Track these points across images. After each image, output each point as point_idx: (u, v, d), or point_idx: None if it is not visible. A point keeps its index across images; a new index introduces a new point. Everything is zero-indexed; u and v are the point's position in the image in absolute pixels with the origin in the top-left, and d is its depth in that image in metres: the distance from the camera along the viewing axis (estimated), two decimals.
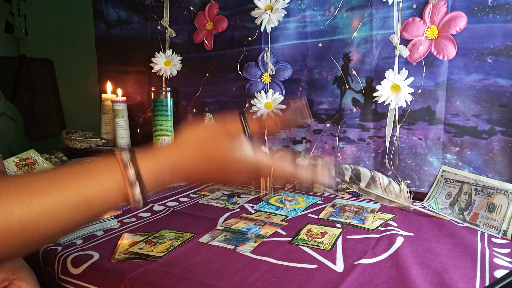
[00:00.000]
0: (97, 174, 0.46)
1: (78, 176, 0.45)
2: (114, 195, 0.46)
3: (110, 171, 0.46)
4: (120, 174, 0.46)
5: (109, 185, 0.45)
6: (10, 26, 1.97)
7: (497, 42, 0.86)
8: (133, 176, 0.46)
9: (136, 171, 0.46)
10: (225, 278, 0.57)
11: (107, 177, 0.46)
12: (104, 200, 0.46)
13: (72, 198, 0.43)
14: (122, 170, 0.46)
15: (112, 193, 0.46)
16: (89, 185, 0.45)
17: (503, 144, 0.87)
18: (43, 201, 0.41)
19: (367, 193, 0.94)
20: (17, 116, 1.71)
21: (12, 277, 0.55)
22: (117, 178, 0.46)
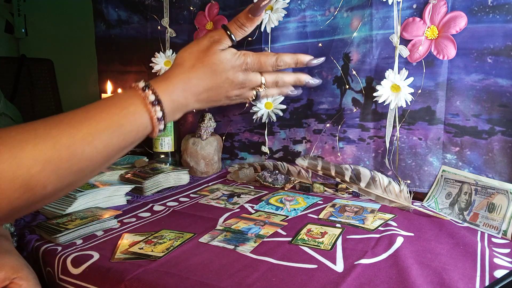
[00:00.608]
0: (121, 102, 0.51)
1: (106, 107, 0.50)
2: (140, 118, 0.51)
3: (131, 97, 0.51)
4: (141, 98, 0.51)
5: (134, 108, 0.50)
6: (10, 26, 1.97)
7: (497, 42, 0.86)
8: (152, 97, 0.52)
9: (153, 92, 0.52)
10: (225, 278, 0.57)
11: (131, 102, 0.51)
12: (132, 123, 0.50)
13: (105, 124, 0.48)
14: (141, 94, 0.51)
15: (138, 116, 0.51)
16: (117, 112, 0.49)
17: (503, 144, 0.87)
18: (82, 130, 0.46)
19: (367, 193, 0.94)
20: (17, 116, 1.71)
21: (13, 276, 0.55)
22: (138, 102, 0.51)
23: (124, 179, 1.00)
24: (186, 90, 0.56)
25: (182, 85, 0.56)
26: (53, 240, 0.69)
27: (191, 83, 0.56)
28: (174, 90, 0.55)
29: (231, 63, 0.59)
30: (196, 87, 0.57)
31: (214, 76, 0.58)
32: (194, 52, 0.59)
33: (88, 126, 0.47)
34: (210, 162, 1.18)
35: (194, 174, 1.18)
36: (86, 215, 0.78)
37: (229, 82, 0.59)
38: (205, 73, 0.58)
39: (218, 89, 0.59)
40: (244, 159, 1.22)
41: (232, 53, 0.60)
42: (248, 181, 1.12)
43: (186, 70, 0.57)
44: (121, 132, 0.49)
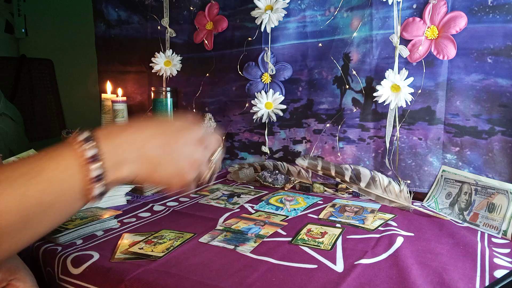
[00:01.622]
0: (56, 155, 0.42)
1: (39, 161, 0.42)
2: (74, 175, 0.42)
3: (68, 151, 0.43)
4: (78, 151, 0.42)
5: (68, 163, 0.42)
6: (10, 26, 1.97)
7: (497, 42, 0.86)
8: (91, 152, 0.43)
9: (96, 146, 0.43)
10: (225, 278, 0.57)
11: (66, 156, 0.42)
12: (65, 181, 0.42)
13: (23, 170, 0.40)
14: (79, 147, 0.42)
15: (71, 172, 0.42)
16: (49, 166, 0.41)
17: (503, 144, 0.87)
18: (14, 191, 0.39)
19: (367, 193, 0.94)
20: (17, 116, 1.71)
21: (9, 278, 0.55)
22: (74, 155, 0.42)
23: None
24: (133, 146, 0.47)
25: (130, 140, 0.47)
26: (53, 240, 0.69)
27: (139, 140, 0.48)
28: (120, 145, 0.46)
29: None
30: (142, 144, 0.48)
31: (166, 144, 0.50)
32: (157, 121, 0.53)
33: (17, 185, 0.39)
34: None
35: None
36: (86, 215, 0.78)
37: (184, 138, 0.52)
38: (159, 136, 0.50)
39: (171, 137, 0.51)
40: (244, 159, 1.22)
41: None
42: (248, 181, 1.12)
43: (139, 129, 0.49)
44: (40, 180, 0.40)
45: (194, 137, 0.52)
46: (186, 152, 0.51)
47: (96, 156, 0.43)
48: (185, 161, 0.51)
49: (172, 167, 0.50)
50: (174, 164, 0.50)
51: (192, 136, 0.52)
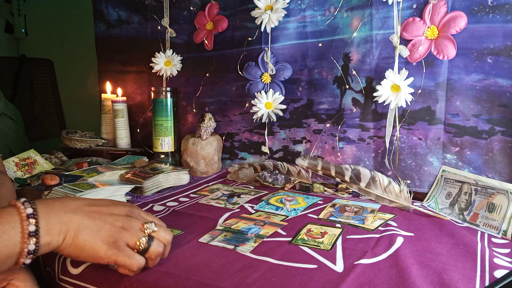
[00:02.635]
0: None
1: None
2: (7, 260, 0.47)
3: (8, 236, 0.47)
4: (20, 224, 0.47)
5: (7, 251, 0.46)
6: (10, 26, 1.97)
7: (497, 42, 0.86)
8: (32, 247, 0.48)
9: (36, 243, 0.48)
10: (225, 278, 0.57)
11: (6, 242, 0.46)
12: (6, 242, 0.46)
13: None
14: (23, 223, 0.47)
15: (7, 258, 0.47)
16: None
17: (503, 144, 0.87)
18: None
19: (367, 193, 0.94)
20: (17, 116, 1.71)
21: (10, 277, 0.55)
22: (14, 246, 0.47)
23: (124, 179, 1.00)
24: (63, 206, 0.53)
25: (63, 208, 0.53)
26: None
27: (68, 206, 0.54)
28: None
29: None
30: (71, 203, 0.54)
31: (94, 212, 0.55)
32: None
33: None
34: (210, 162, 1.18)
35: (194, 174, 1.18)
36: None
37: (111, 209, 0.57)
38: (88, 206, 0.56)
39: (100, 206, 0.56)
40: (244, 159, 1.22)
41: None
42: (248, 181, 1.12)
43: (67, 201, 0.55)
44: None
45: (119, 208, 0.57)
46: (108, 219, 0.55)
47: (35, 232, 0.48)
48: (109, 226, 0.54)
49: (96, 230, 0.53)
50: (98, 227, 0.53)
51: (117, 206, 0.57)
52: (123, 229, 0.55)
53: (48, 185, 0.91)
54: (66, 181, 0.92)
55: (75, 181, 0.93)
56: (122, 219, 0.56)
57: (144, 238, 0.56)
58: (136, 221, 0.57)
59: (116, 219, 0.55)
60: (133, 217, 0.57)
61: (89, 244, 0.52)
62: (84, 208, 0.54)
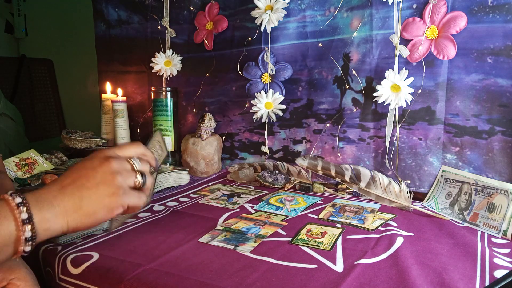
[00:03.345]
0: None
1: None
2: (5, 248, 0.47)
3: (1, 224, 0.47)
4: (14, 230, 0.47)
5: (2, 238, 0.46)
6: (10, 26, 1.97)
7: (497, 42, 0.86)
8: (29, 234, 0.47)
9: (32, 229, 0.48)
10: (225, 278, 0.57)
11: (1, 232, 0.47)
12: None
13: None
14: (18, 228, 0.47)
15: (4, 246, 0.47)
16: None
17: (503, 144, 0.87)
18: None
19: (367, 193, 0.94)
20: (17, 116, 1.71)
21: (10, 277, 0.55)
22: (9, 232, 0.47)
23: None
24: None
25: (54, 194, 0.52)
26: (52, 239, 0.69)
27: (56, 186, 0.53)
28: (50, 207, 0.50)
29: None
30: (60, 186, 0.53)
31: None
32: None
33: None
34: (210, 162, 1.18)
35: (194, 174, 1.18)
36: None
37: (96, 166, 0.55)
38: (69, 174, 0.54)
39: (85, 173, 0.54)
40: (244, 159, 1.22)
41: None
42: (248, 181, 1.12)
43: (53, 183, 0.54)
44: None
45: (95, 161, 0.55)
46: (96, 175, 0.53)
47: (27, 220, 0.48)
48: (99, 189, 0.53)
49: (94, 193, 0.52)
50: (94, 190, 0.52)
51: (92, 161, 0.55)
52: (116, 175, 0.54)
53: None
54: None
55: None
56: (108, 168, 0.54)
57: (138, 176, 0.56)
58: (121, 162, 0.56)
59: (104, 171, 0.54)
60: (114, 159, 0.55)
61: (95, 206, 0.52)
62: (67, 183, 0.53)
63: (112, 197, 0.53)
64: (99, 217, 0.53)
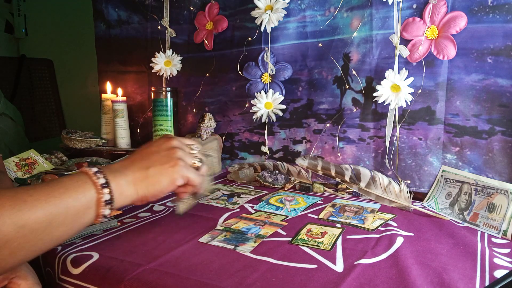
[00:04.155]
0: (71, 192, 0.52)
1: (52, 193, 0.50)
2: (88, 210, 0.53)
3: (83, 189, 0.53)
4: (94, 193, 0.54)
5: (85, 200, 0.53)
6: (10, 26, 1.97)
7: (497, 42, 0.86)
8: (107, 196, 0.54)
9: (110, 192, 0.55)
10: (225, 278, 0.57)
11: (81, 196, 0.52)
12: (74, 219, 0.52)
13: (51, 210, 0.49)
14: (97, 191, 0.54)
15: (85, 212, 0.53)
16: (63, 202, 0.50)
17: (503, 144, 0.87)
18: (25, 214, 0.47)
19: (367, 193, 0.94)
20: (17, 116, 1.71)
21: (11, 276, 0.55)
22: (90, 196, 0.53)
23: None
24: (136, 181, 0.60)
25: (131, 178, 0.60)
26: None
27: (133, 168, 0.61)
28: (127, 186, 0.58)
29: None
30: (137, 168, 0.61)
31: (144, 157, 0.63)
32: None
33: (32, 208, 0.48)
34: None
35: None
36: None
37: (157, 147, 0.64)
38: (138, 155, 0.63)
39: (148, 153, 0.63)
40: (244, 159, 1.22)
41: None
42: (248, 181, 1.12)
43: (127, 162, 0.62)
44: (64, 221, 0.50)
45: (159, 141, 0.65)
46: (160, 151, 0.63)
47: (105, 184, 0.55)
48: (162, 161, 0.62)
49: (158, 164, 0.61)
50: (158, 162, 0.61)
51: (157, 141, 0.65)
52: (177, 151, 0.63)
53: None
54: None
55: None
56: (170, 145, 0.64)
57: (196, 159, 0.66)
58: (182, 144, 0.66)
59: (167, 147, 0.63)
60: (176, 140, 0.65)
61: (159, 175, 0.61)
62: (135, 158, 0.62)
63: (174, 168, 0.61)
64: (163, 186, 0.61)
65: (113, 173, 0.57)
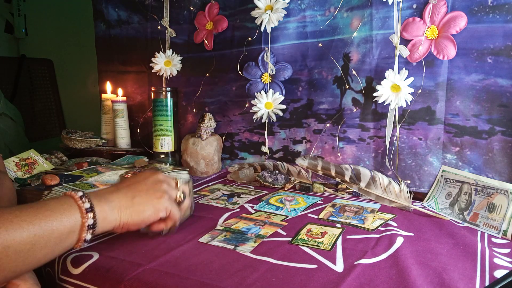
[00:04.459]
0: (56, 215, 0.53)
1: (38, 215, 0.51)
2: (71, 234, 0.54)
3: (68, 212, 0.54)
4: (79, 216, 0.55)
5: (69, 224, 0.54)
6: (10, 26, 1.97)
7: (497, 42, 0.86)
8: (91, 221, 0.56)
9: (94, 217, 0.56)
10: (225, 278, 0.57)
11: (66, 220, 0.54)
12: (58, 242, 0.53)
13: (36, 231, 0.50)
14: (82, 215, 0.55)
15: (68, 235, 0.54)
16: (48, 225, 0.51)
17: (503, 144, 0.87)
18: (10, 235, 0.48)
19: (367, 193, 0.94)
20: (17, 116, 1.71)
21: None
22: (74, 219, 0.55)
23: (125, 179, 1.00)
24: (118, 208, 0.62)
25: (115, 205, 0.62)
26: None
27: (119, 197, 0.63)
28: (111, 213, 0.61)
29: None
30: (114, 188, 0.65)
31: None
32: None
33: (17, 228, 0.49)
34: (210, 162, 1.18)
35: (194, 174, 1.18)
36: None
37: (145, 179, 0.67)
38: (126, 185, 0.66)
39: (136, 184, 0.66)
40: (244, 159, 1.22)
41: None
42: (248, 181, 1.12)
43: (115, 189, 0.65)
44: (46, 243, 0.51)
45: (147, 173, 0.69)
46: (147, 182, 0.66)
47: (90, 208, 0.56)
48: (149, 192, 0.65)
49: (144, 195, 0.64)
50: (144, 192, 0.64)
51: (144, 173, 0.69)
52: (164, 183, 0.67)
53: (48, 185, 0.91)
54: (66, 181, 0.92)
55: (75, 181, 0.93)
56: (157, 178, 0.68)
57: (179, 192, 0.71)
58: (168, 177, 0.70)
59: (153, 180, 0.67)
60: (162, 174, 0.70)
61: (144, 205, 0.63)
62: (121, 186, 0.65)
63: (159, 199, 0.65)
64: (146, 215, 0.64)
65: (98, 198, 0.58)
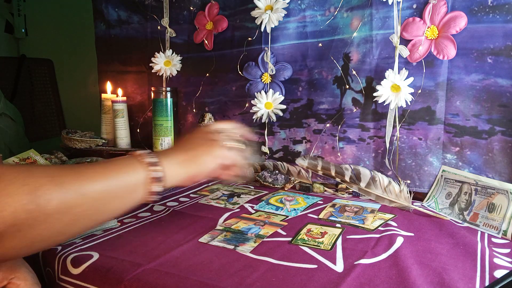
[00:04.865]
0: (122, 170, 0.56)
1: (106, 170, 0.54)
2: (137, 190, 0.56)
3: (133, 169, 0.56)
4: (144, 172, 0.57)
5: (134, 180, 0.56)
6: (10, 26, 1.97)
7: (497, 42, 0.86)
8: (159, 174, 0.58)
9: (160, 171, 0.58)
10: (225, 278, 0.57)
11: (132, 174, 0.56)
12: (127, 195, 0.56)
13: (108, 182, 0.53)
14: (147, 170, 0.57)
15: (135, 188, 0.56)
16: (116, 179, 0.54)
17: (503, 144, 0.87)
18: (72, 190, 0.49)
19: (367, 193, 0.94)
20: (17, 116, 1.71)
21: (10, 276, 0.55)
22: (141, 176, 0.57)
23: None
24: (183, 164, 0.64)
25: (179, 161, 0.64)
26: None
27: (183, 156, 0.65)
28: (177, 166, 0.63)
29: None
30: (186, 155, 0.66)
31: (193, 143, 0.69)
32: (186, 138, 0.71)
33: (81, 185, 0.51)
34: None
35: None
36: None
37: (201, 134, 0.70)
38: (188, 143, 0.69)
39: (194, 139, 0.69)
40: None
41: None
42: (248, 181, 1.12)
43: (178, 148, 0.68)
44: (111, 199, 0.54)
45: (201, 128, 0.71)
46: (202, 136, 0.69)
47: (156, 163, 0.59)
48: (203, 143, 0.67)
49: (200, 147, 0.67)
50: (201, 145, 0.67)
51: (198, 129, 0.71)
52: (219, 137, 0.69)
53: None
54: None
55: None
56: (210, 129, 0.70)
57: (236, 142, 0.71)
58: (222, 130, 0.71)
59: (208, 131, 0.70)
60: (216, 131, 0.70)
61: (203, 156, 0.66)
62: (180, 145, 0.68)
63: (214, 148, 0.67)
64: (207, 165, 0.66)
65: (161, 154, 0.62)
